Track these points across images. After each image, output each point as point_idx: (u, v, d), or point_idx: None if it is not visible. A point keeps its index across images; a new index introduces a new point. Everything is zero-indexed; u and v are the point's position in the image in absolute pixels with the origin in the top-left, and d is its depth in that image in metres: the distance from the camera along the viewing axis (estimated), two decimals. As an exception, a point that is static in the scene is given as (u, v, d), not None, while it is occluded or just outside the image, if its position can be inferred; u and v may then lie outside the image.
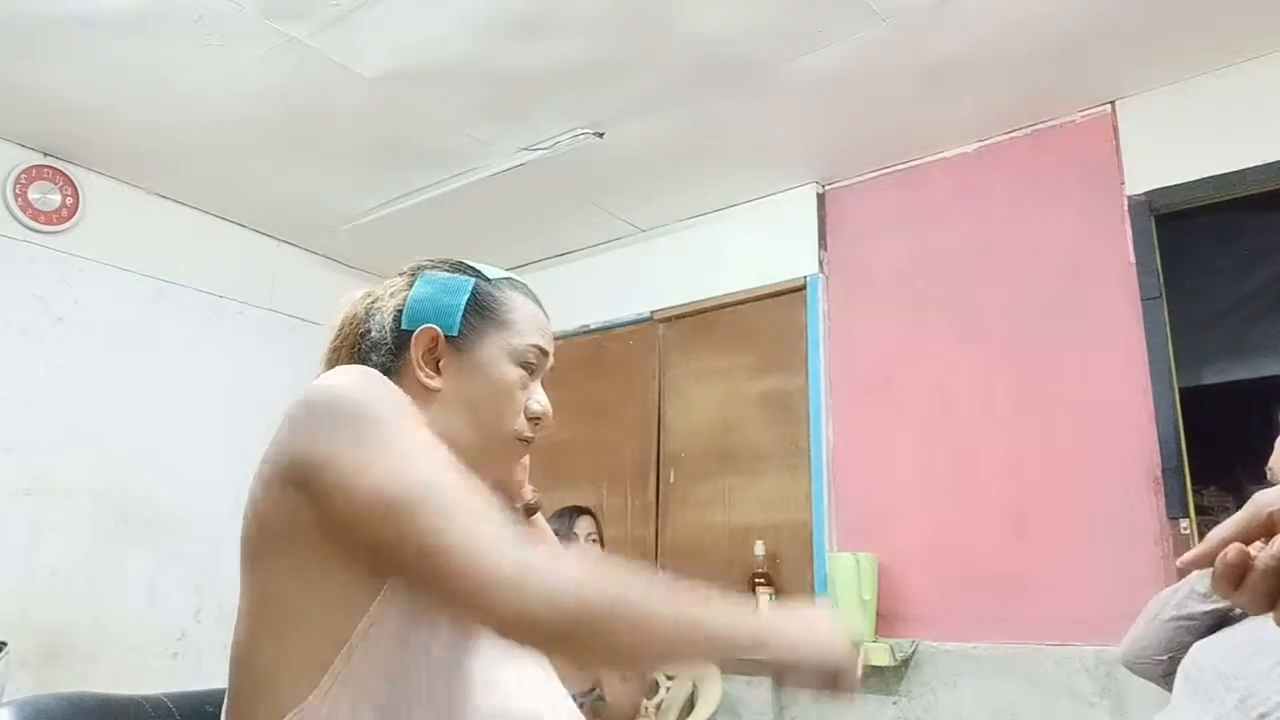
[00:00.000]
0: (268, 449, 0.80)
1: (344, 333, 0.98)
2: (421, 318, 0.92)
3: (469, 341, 0.92)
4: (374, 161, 2.86)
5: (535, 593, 0.70)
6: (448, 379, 0.91)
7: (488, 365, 0.92)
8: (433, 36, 2.22)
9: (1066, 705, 2.21)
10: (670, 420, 3.17)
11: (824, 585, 2.61)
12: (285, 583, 0.76)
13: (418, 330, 0.91)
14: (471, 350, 0.92)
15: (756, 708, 2.64)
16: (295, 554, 0.76)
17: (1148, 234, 2.35)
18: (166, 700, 0.97)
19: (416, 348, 0.91)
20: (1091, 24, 2.14)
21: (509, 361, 0.93)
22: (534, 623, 0.70)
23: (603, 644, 0.73)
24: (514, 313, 0.95)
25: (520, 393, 0.94)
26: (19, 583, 2.62)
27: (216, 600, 2.99)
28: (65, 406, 2.79)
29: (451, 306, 0.92)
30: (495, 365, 0.92)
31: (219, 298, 3.23)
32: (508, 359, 0.93)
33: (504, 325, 0.94)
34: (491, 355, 0.92)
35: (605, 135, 2.67)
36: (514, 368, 0.93)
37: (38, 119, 2.64)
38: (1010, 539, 2.39)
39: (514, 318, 0.95)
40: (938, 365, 2.62)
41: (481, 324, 0.93)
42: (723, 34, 2.19)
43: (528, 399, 0.94)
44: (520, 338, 0.94)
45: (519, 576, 0.71)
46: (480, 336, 0.93)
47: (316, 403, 0.79)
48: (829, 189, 2.97)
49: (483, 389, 0.92)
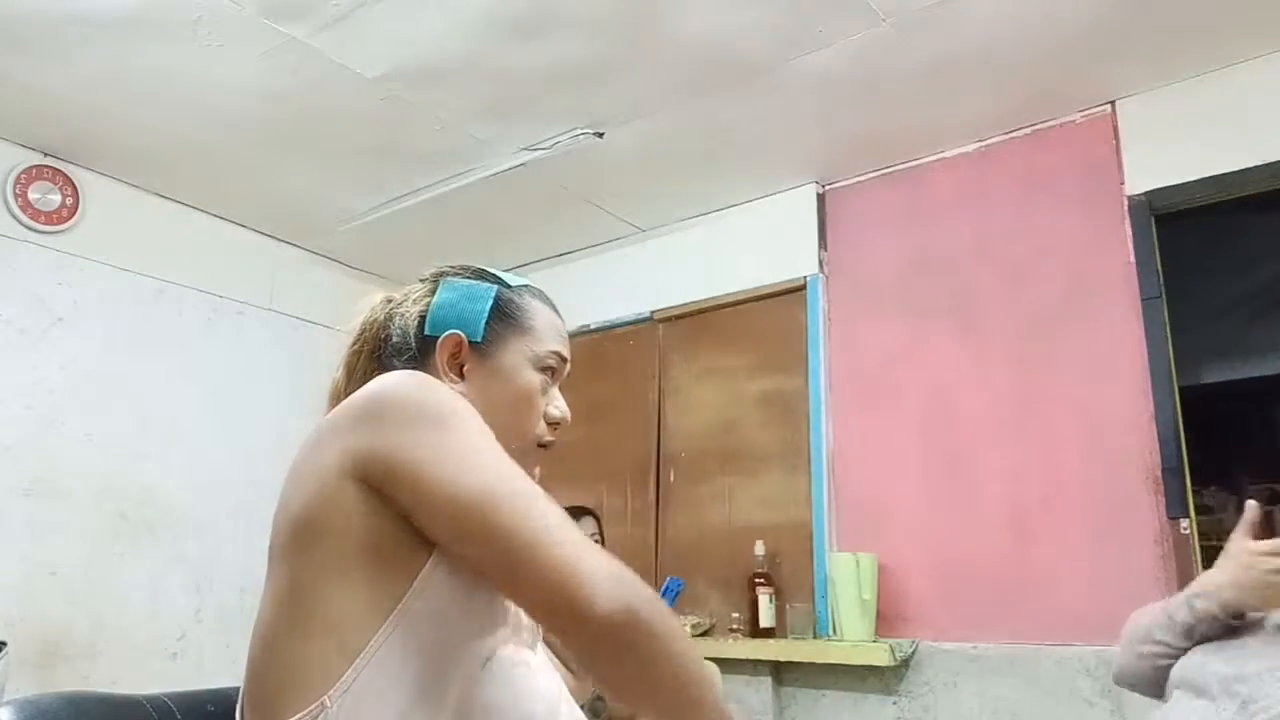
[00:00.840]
0: (326, 444, 0.81)
1: (364, 336, 1.00)
2: (446, 324, 0.95)
3: (492, 347, 0.95)
4: (374, 161, 2.86)
5: (627, 596, 0.74)
6: (471, 384, 0.94)
7: (510, 371, 0.95)
8: (433, 36, 2.22)
9: (1066, 705, 2.21)
10: (670, 420, 3.17)
11: (824, 585, 2.61)
12: (323, 576, 0.78)
13: (443, 336, 0.94)
14: (494, 356, 0.95)
15: (757, 707, 2.64)
16: (340, 548, 0.78)
17: (1148, 234, 2.35)
18: (167, 700, 0.97)
19: (442, 353, 0.94)
20: (1091, 24, 2.14)
21: (531, 367, 0.96)
22: (623, 623, 0.73)
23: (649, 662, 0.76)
24: (535, 319, 0.98)
25: (540, 398, 0.97)
26: (19, 582, 2.62)
27: (217, 600, 2.99)
28: (65, 406, 2.79)
29: (476, 313, 0.95)
30: (518, 371, 0.95)
31: (219, 298, 3.23)
32: (529, 365, 0.96)
33: (526, 332, 0.97)
34: (514, 361, 0.95)
35: (605, 135, 2.67)
36: (535, 373, 0.96)
37: (38, 119, 2.65)
38: (1010, 539, 2.39)
39: (535, 324, 0.98)
40: (938, 365, 2.62)
41: (504, 330, 0.96)
42: (723, 34, 2.19)
43: (547, 404, 0.98)
44: (541, 344, 0.97)
45: (618, 577, 0.75)
46: (503, 343, 0.95)
47: (388, 402, 0.80)
48: (829, 189, 2.97)
49: (505, 394, 0.94)
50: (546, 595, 0.74)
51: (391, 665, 0.76)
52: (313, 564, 0.78)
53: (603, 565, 0.75)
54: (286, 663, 0.78)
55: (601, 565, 0.75)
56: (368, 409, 0.81)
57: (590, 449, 3.30)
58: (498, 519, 0.75)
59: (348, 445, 0.79)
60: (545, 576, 0.74)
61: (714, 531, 2.95)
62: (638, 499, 3.16)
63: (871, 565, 2.52)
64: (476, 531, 0.75)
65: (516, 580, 0.76)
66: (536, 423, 0.97)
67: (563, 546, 0.74)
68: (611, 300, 3.38)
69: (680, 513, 3.06)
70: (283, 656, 0.78)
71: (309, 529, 0.79)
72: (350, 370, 1.00)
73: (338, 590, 0.77)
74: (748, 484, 2.91)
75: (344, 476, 0.78)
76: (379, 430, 0.79)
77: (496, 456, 0.80)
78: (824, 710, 2.57)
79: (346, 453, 0.79)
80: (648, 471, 3.16)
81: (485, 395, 0.93)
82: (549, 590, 0.74)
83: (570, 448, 3.68)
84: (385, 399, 0.81)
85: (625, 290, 3.35)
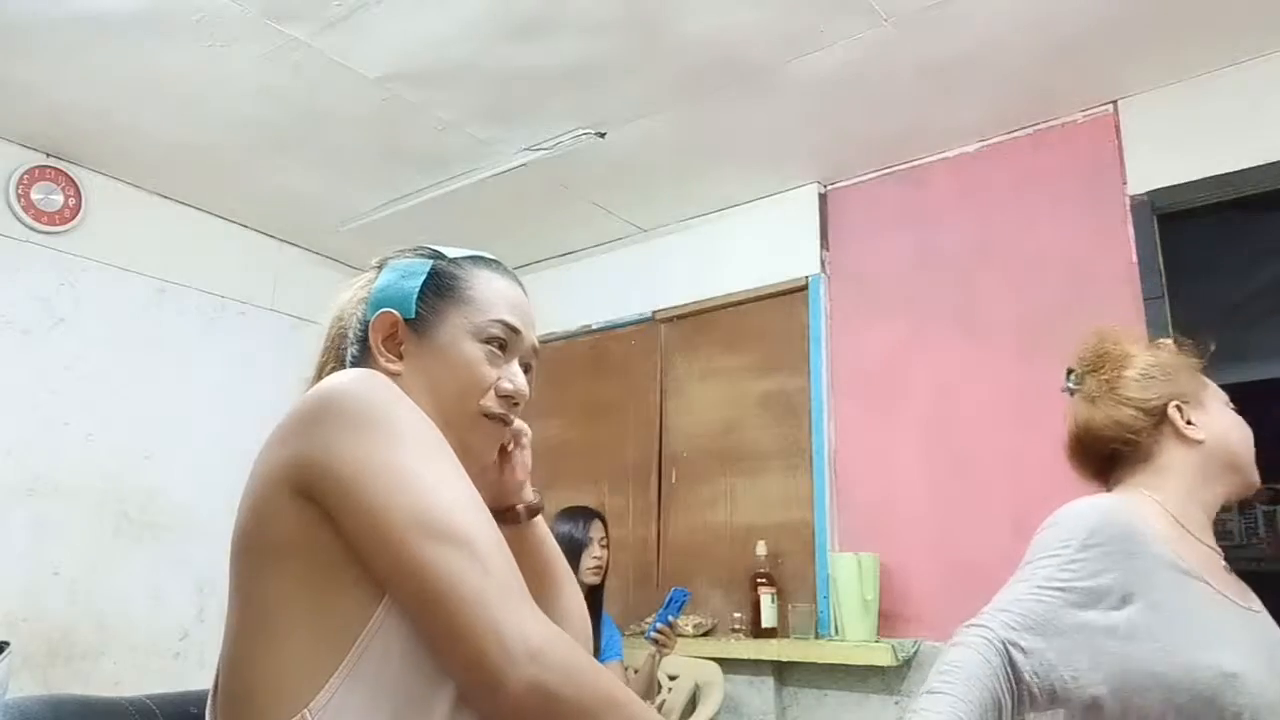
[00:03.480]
0: (271, 450, 0.79)
1: (330, 333, 0.97)
2: (381, 305, 0.91)
3: (427, 323, 0.90)
4: (376, 161, 2.86)
5: (543, 675, 0.70)
6: (409, 362, 0.90)
7: (447, 344, 0.90)
8: (435, 37, 2.22)
9: (1069, 706, 2.20)
10: (672, 420, 3.17)
11: (826, 585, 2.61)
12: (290, 590, 0.75)
13: (374, 316, 0.91)
14: (430, 331, 0.90)
15: (759, 707, 2.64)
16: (304, 562, 0.75)
17: (1150, 234, 2.35)
18: (149, 701, 0.96)
19: (375, 334, 0.90)
20: (1093, 24, 2.14)
21: (470, 339, 0.90)
22: (533, 706, 0.70)
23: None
24: (474, 289, 0.93)
25: (484, 369, 0.90)
26: (21, 583, 2.62)
27: (219, 600, 2.96)
28: (68, 407, 2.79)
29: (409, 290, 0.91)
30: (455, 344, 0.90)
31: (221, 298, 3.24)
32: (468, 336, 0.90)
33: (464, 302, 0.92)
34: (451, 335, 0.90)
35: (607, 135, 2.67)
36: (476, 344, 0.90)
37: (40, 120, 2.65)
38: (1012, 538, 2.38)
39: (474, 294, 0.92)
40: (939, 365, 2.62)
41: (440, 304, 0.91)
42: (724, 34, 2.19)
43: (498, 378, 0.91)
44: (481, 314, 0.91)
45: (536, 650, 0.70)
46: (439, 317, 0.91)
47: (325, 405, 0.77)
48: (831, 189, 2.97)
49: (443, 369, 0.89)
50: (460, 660, 0.71)
51: (369, 680, 0.73)
52: (279, 575, 0.76)
53: (527, 634, 0.71)
54: (258, 677, 0.75)
55: (525, 634, 0.70)
56: (304, 414, 0.78)
57: (592, 449, 3.30)
58: (423, 558, 0.71)
59: (284, 455, 0.77)
60: (462, 639, 0.70)
61: (716, 531, 2.95)
62: (639, 499, 3.17)
63: (873, 565, 2.52)
64: (402, 565, 0.72)
65: (434, 633, 0.72)
66: (481, 395, 0.89)
67: (487, 609, 0.70)
68: (613, 300, 3.38)
69: (682, 513, 3.06)
70: (253, 671, 0.75)
71: (266, 542, 0.77)
72: (320, 371, 0.97)
73: (308, 605, 0.75)
74: (750, 484, 2.91)
75: (295, 491, 0.75)
76: (314, 436, 0.76)
77: (437, 477, 0.76)
78: (826, 710, 2.57)
79: (285, 464, 0.76)
80: (649, 471, 3.16)
81: (425, 373, 0.89)
82: (463, 657, 0.71)
83: (572, 448, 3.70)
84: (321, 402, 0.78)
85: (627, 290, 3.35)
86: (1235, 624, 1.10)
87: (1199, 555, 1.14)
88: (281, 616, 0.75)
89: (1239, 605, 1.13)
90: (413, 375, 0.89)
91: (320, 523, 0.75)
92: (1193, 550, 1.13)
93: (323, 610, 0.74)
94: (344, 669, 0.73)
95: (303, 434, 0.77)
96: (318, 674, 0.73)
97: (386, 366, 0.89)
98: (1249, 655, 1.05)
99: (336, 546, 0.75)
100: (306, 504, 0.75)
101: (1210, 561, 1.15)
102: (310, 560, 0.75)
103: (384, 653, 0.74)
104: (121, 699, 0.95)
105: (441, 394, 0.88)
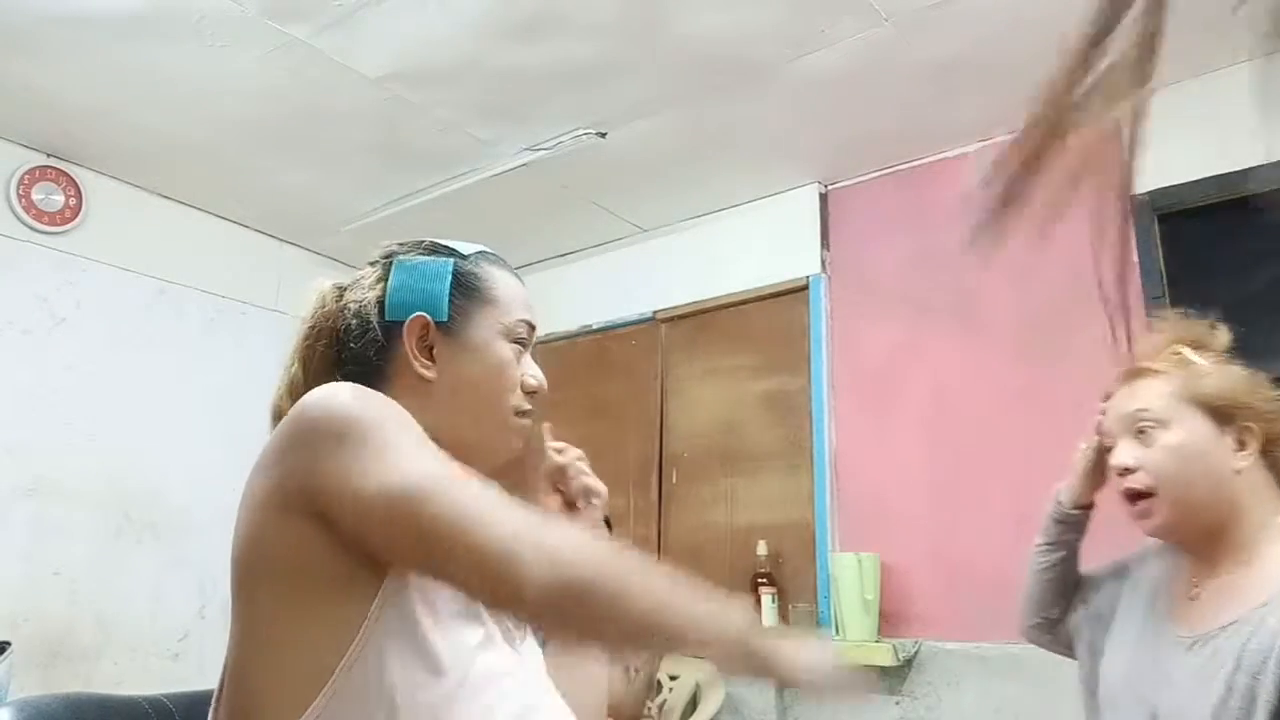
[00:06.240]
0: (265, 467, 0.79)
1: (318, 329, 0.97)
2: (407, 306, 0.91)
3: (459, 325, 0.91)
4: (376, 162, 2.86)
5: (562, 572, 0.70)
6: (442, 365, 0.90)
7: (482, 346, 0.91)
8: (435, 36, 2.22)
9: (1069, 705, 2.20)
10: (672, 420, 3.16)
11: (827, 585, 2.61)
12: (279, 607, 0.76)
13: (407, 320, 0.90)
14: (463, 333, 0.91)
15: (759, 709, 2.64)
16: (292, 580, 0.76)
17: (1150, 234, 2.34)
18: (166, 700, 0.97)
19: (409, 337, 0.90)
20: (1094, 23, 2.14)
21: (502, 339, 0.92)
22: (559, 600, 0.70)
23: (603, 623, 0.72)
24: (498, 289, 0.94)
25: (515, 369, 0.93)
26: (22, 583, 2.62)
27: (220, 600, 2.99)
28: (68, 407, 2.79)
29: (437, 292, 0.91)
30: (489, 345, 0.92)
31: (222, 298, 3.24)
32: (500, 337, 0.92)
33: (491, 303, 0.93)
34: (484, 336, 0.92)
35: (608, 135, 2.67)
36: (507, 344, 0.93)
37: (41, 120, 2.65)
38: (1013, 538, 2.37)
39: (499, 294, 0.94)
40: (940, 365, 2.62)
41: (469, 305, 0.92)
42: (725, 34, 2.19)
43: (522, 374, 0.94)
44: (509, 314, 0.94)
45: (553, 550, 0.70)
46: (469, 318, 0.92)
47: (315, 425, 0.77)
48: (831, 189, 2.97)
49: (479, 371, 0.91)
50: (479, 583, 0.72)
51: (355, 699, 0.74)
52: (272, 594, 0.77)
53: (540, 541, 0.71)
54: (254, 689, 0.76)
55: (538, 542, 0.71)
56: (295, 435, 0.78)
57: (592, 449, 3.25)
58: (425, 509, 0.72)
59: (288, 472, 0.77)
60: (476, 562, 0.70)
61: (716, 531, 2.95)
62: (640, 499, 3.16)
63: (874, 565, 2.51)
64: (409, 528, 0.72)
65: (450, 571, 0.73)
66: (514, 394, 0.92)
67: (494, 527, 0.71)
68: (614, 300, 3.38)
69: (682, 513, 3.06)
70: (248, 684, 0.77)
71: (262, 560, 0.78)
72: (306, 364, 0.96)
73: (299, 620, 0.75)
74: (750, 484, 2.91)
75: (289, 509, 0.76)
76: (307, 457, 0.76)
77: (425, 454, 0.77)
78: (826, 710, 2.57)
79: (288, 481, 0.77)
80: (650, 471, 3.16)
81: (460, 375, 0.90)
82: (481, 578, 0.71)
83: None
84: (312, 422, 0.78)
85: (627, 290, 3.35)
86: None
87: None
88: (273, 632, 0.76)
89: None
90: (447, 378, 0.89)
91: (309, 542, 0.75)
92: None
93: (311, 626, 0.75)
94: (332, 684, 0.74)
95: (294, 457, 0.77)
96: (308, 688, 0.74)
97: (421, 371, 0.89)
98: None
99: (324, 564, 0.76)
100: (297, 523, 0.76)
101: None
102: (298, 578, 0.76)
103: (374, 664, 0.74)
104: (139, 698, 0.96)
105: (477, 395, 0.90)
